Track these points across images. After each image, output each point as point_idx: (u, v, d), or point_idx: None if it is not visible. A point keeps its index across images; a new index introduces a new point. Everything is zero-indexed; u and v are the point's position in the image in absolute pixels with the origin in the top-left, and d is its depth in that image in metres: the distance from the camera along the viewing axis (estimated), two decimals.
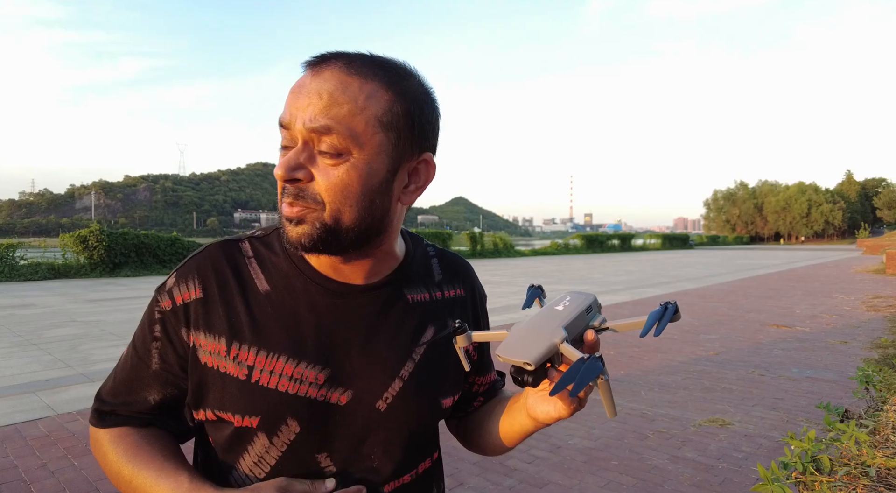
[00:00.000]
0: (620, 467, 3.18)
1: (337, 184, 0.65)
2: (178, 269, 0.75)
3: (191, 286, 0.72)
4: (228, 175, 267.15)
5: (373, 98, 0.65)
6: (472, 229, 35.43)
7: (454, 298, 0.85)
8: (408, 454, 0.77)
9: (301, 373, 0.70)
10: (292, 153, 0.65)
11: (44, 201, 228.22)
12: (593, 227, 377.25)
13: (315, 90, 0.64)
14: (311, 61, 0.67)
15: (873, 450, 1.83)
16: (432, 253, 0.87)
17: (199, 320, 0.71)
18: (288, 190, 0.66)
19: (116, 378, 0.77)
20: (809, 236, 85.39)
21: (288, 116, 0.65)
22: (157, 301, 0.74)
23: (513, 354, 0.60)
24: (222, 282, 0.73)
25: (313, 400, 0.70)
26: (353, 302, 0.74)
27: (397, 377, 0.74)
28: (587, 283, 14.88)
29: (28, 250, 16.37)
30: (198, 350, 0.71)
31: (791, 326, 7.95)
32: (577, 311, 0.64)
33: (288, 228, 0.68)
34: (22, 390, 4.71)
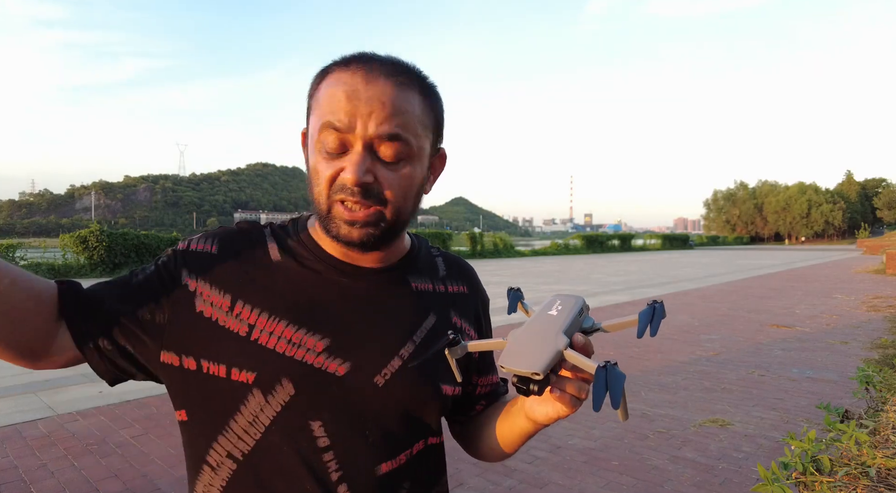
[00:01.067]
0: (620, 467, 3.18)
1: (400, 185, 0.71)
2: (206, 231, 0.79)
3: (209, 242, 0.77)
4: (228, 175, 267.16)
5: (418, 104, 0.72)
6: (472, 230, 35.45)
7: (457, 293, 0.87)
8: (403, 433, 0.77)
9: (300, 339, 0.72)
10: (359, 158, 0.68)
11: (44, 202, 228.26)
12: (593, 227, 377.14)
13: (376, 97, 0.68)
14: (356, 64, 0.70)
15: (873, 450, 1.83)
16: (436, 253, 0.90)
17: (207, 272, 0.74)
18: (353, 192, 0.68)
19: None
20: (809, 237, 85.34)
21: (346, 120, 0.68)
22: (174, 246, 0.78)
23: (518, 364, 0.60)
24: (238, 248, 0.77)
25: (310, 366, 0.71)
26: (359, 282, 0.77)
27: (396, 356, 0.75)
28: (587, 283, 14.88)
29: (28, 250, 16.43)
30: (196, 297, 0.72)
31: (791, 326, 7.95)
32: (572, 315, 0.64)
33: (347, 229, 0.70)
34: (22, 390, 4.71)
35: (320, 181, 0.70)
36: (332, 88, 0.70)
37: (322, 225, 0.73)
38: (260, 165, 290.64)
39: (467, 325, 0.86)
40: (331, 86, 0.70)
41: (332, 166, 0.70)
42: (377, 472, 0.74)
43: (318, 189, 0.71)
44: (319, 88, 0.73)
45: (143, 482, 3.00)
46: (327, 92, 0.70)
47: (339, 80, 0.70)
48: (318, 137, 0.70)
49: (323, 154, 0.70)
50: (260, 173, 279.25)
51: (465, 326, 0.86)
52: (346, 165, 0.68)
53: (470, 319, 0.87)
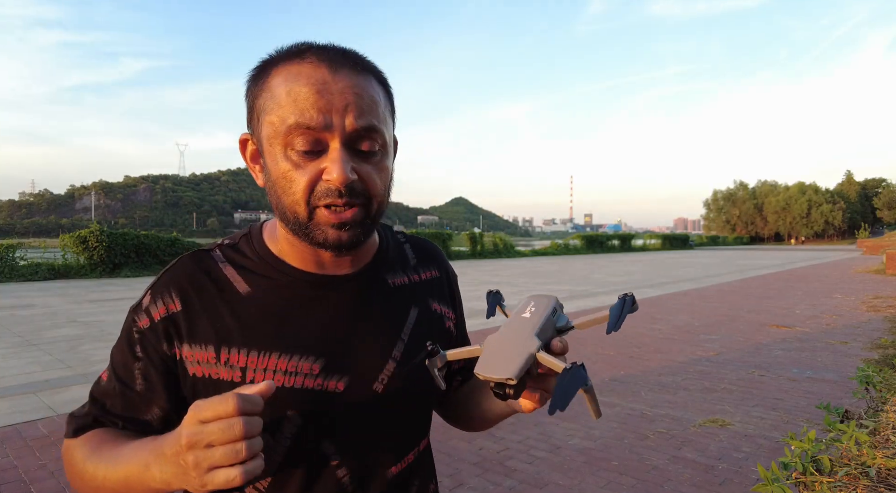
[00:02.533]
0: (620, 467, 3.18)
1: (381, 179, 0.68)
2: (152, 286, 0.73)
3: (167, 300, 0.71)
4: (228, 176, 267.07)
5: (381, 92, 0.69)
6: (472, 230, 35.43)
7: (430, 279, 0.86)
8: (409, 433, 0.78)
9: (295, 366, 0.70)
10: (341, 156, 0.64)
11: (44, 202, 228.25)
12: (593, 227, 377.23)
13: (348, 89, 0.64)
14: (311, 55, 0.65)
15: (873, 450, 1.83)
16: (403, 239, 0.88)
17: (181, 332, 0.70)
18: (341, 194, 0.64)
19: (93, 401, 0.75)
20: (809, 237, 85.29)
21: (320, 117, 0.63)
22: (134, 321, 0.72)
23: (493, 371, 0.60)
24: (200, 290, 0.72)
25: (311, 390, 0.70)
26: (337, 292, 0.75)
27: (390, 359, 0.75)
28: (587, 283, 14.88)
29: (28, 250, 16.40)
30: (184, 362, 0.70)
31: (791, 326, 7.95)
32: (545, 316, 0.65)
33: (336, 234, 0.66)
34: (22, 390, 4.71)
35: (296, 189, 0.65)
36: (293, 84, 0.64)
37: (300, 234, 0.68)
38: None
39: (445, 308, 0.87)
40: (290, 81, 0.64)
41: (308, 170, 0.64)
42: (388, 475, 0.75)
43: (292, 198, 0.65)
44: (270, 85, 0.66)
45: None
46: (287, 89, 0.64)
47: (300, 73, 0.64)
48: (283, 140, 0.64)
49: (293, 159, 0.64)
50: None
51: (444, 309, 0.86)
52: (328, 165, 0.64)
53: (446, 301, 0.88)
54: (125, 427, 0.73)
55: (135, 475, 0.64)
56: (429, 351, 0.67)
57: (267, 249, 0.76)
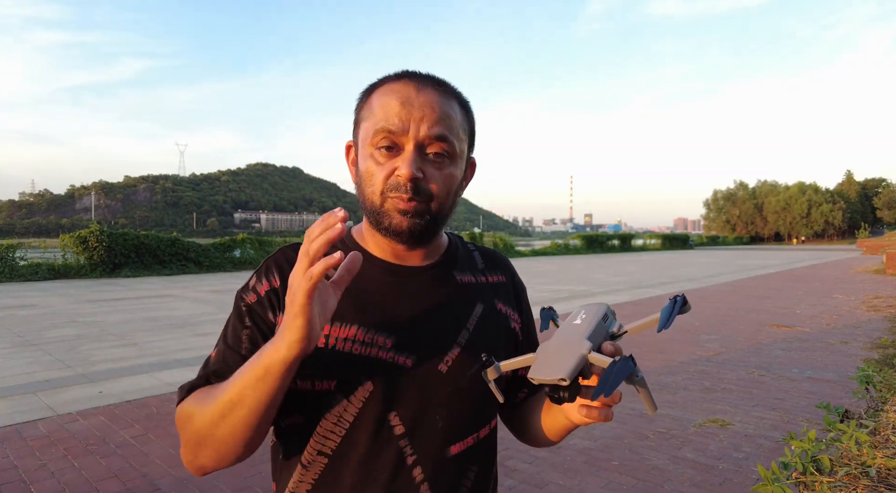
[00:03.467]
0: (620, 467, 3.18)
1: (444, 183, 0.79)
2: (257, 270, 0.85)
3: (270, 278, 0.82)
4: (228, 176, 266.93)
5: (459, 113, 0.82)
6: (472, 229, 35.43)
7: (497, 283, 0.94)
8: (469, 417, 0.84)
9: (371, 338, 0.79)
10: (412, 156, 0.76)
11: (44, 202, 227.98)
12: (593, 227, 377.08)
13: (427, 103, 0.77)
14: (406, 78, 0.80)
15: (873, 450, 1.83)
16: (472, 248, 0.98)
17: (281, 303, 0.80)
18: (406, 188, 0.76)
19: (203, 367, 0.82)
20: (809, 236, 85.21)
21: (400, 123, 0.76)
22: (242, 299, 0.83)
23: (545, 373, 0.62)
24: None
25: (384, 361, 0.78)
26: (410, 280, 0.85)
27: (455, 343, 0.83)
28: (587, 283, 14.88)
29: (28, 250, 16.38)
30: (277, 328, 0.78)
31: (791, 326, 7.95)
32: (596, 321, 0.67)
33: (399, 219, 0.77)
34: (22, 390, 4.71)
35: (375, 181, 0.78)
36: (386, 98, 0.78)
37: (374, 220, 0.80)
38: (260, 165, 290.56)
39: (511, 310, 0.94)
40: (384, 96, 0.79)
41: (386, 167, 0.77)
42: (447, 454, 0.81)
43: (371, 189, 0.78)
44: (371, 99, 0.81)
45: (143, 483, 3.00)
46: (381, 101, 0.78)
47: (392, 90, 0.79)
48: (370, 142, 0.78)
49: (375, 158, 0.78)
50: (260, 173, 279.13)
51: (509, 311, 0.93)
52: (400, 163, 0.76)
53: (512, 304, 0.95)
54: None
55: (250, 374, 0.68)
56: (483, 362, 0.72)
57: (354, 240, 0.88)
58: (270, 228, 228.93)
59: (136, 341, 6.78)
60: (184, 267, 17.70)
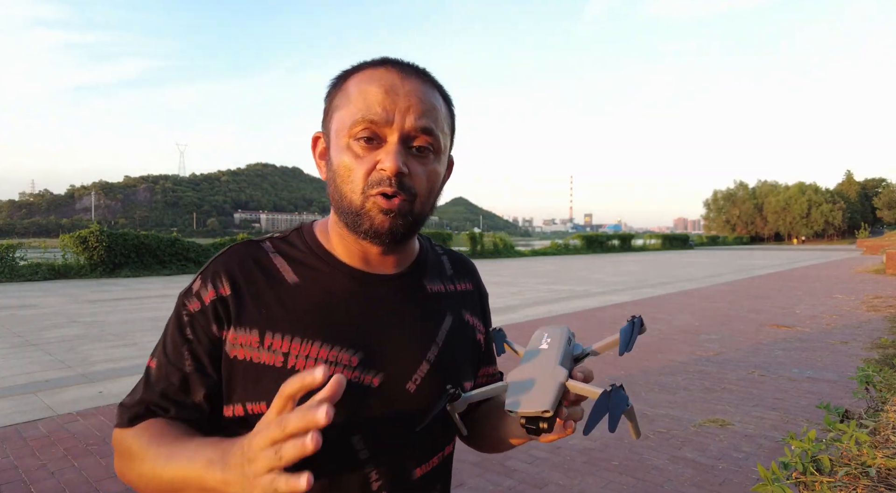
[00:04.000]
0: (620, 467, 3.18)
1: (428, 179, 0.73)
2: (203, 271, 0.76)
3: (218, 284, 0.74)
4: (228, 176, 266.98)
5: (443, 106, 0.76)
6: (472, 230, 35.40)
7: (465, 291, 0.90)
8: (436, 436, 0.80)
9: (336, 356, 0.72)
10: (397, 148, 0.69)
11: (44, 202, 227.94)
12: (593, 227, 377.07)
13: (413, 92, 0.71)
14: (387, 64, 0.73)
15: (873, 450, 1.83)
16: (441, 251, 0.93)
17: (229, 315, 0.73)
18: (391, 183, 0.69)
19: (147, 386, 0.76)
20: (809, 236, 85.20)
21: (384, 113, 0.69)
22: (184, 305, 0.75)
23: (526, 406, 0.59)
24: (249, 277, 0.75)
25: (349, 381, 0.70)
26: (379, 290, 0.78)
27: (424, 360, 0.77)
28: (587, 283, 14.88)
29: (28, 250, 16.38)
30: (225, 344, 0.73)
31: (791, 326, 7.94)
32: (563, 345, 0.65)
33: (381, 219, 0.71)
34: (22, 390, 4.71)
35: (355, 177, 0.70)
36: (366, 85, 0.71)
37: (350, 222, 0.72)
38: (260, 165, 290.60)
39: (477, 320, 0.90)
40: (363, 83, 0.72)
41: (366, 161, 0.70)
42: (413, 476, 0.76)
43: (349, 186, 0.71)
44: (346, 86, 0.73)
45: None
46: (360, 88, 0.71)
47: (373, 77, 0.71)
48: (348, 133, 0.71)
49: (354, 150, 0.71)
50: (260, 173, 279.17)
51: (476, 322, 0.90)
52: (383, 156, 0.69)
53: (478, 314, 0.91)
54: (178, 414, 0.74)
55: (193, 472, 0.63)
56: (450, 395, 0.67)
57: (318, 242, 0.80)
58: (270, 228, 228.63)
59: (136, 341, 6.77)
60: (184, 267, 17.70)
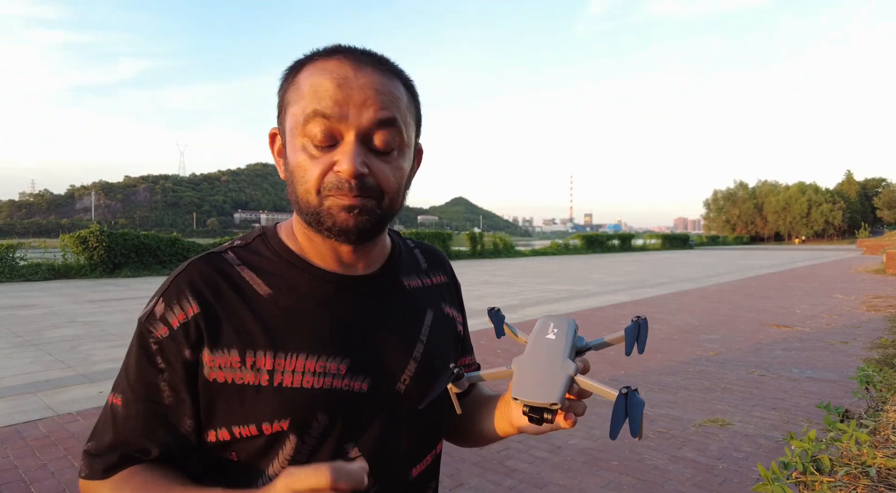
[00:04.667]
0: (620, 467, 3.18)
1: (394, 176, 0.69)
2: (163, 293, 0.69)
3: (184, 305, 0.68)
4: (228, 176, 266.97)
5: (404, 95, 0.70)
6: (472, 230, 35.44)
7: (440, 284, 0.88)
8: (429, 434, 0.79)
9: (323, 366, 0.69)
10: (354, 148, 0.65)
11: (44, 202, 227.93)
12: (593, 227, 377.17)
13: (368, 84, 0.65)
14: (339, 54, 0.67)
15: (874, 450, 1.83)
16: (412, 245, 0.91)
17: (201, 336, 0.67)
18: (351, 187, 0.65)
19: (116, 428, 0.69)
20: (809, 236, 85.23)
21: (337, 109, 0.64)
22: (149, 332, 0.68)
23: (534, 396, 0.60)
24: (217, 293, 0.69)
25: (339, 390, 0.70)
26: (357, 292, 0.75)
27: (411, 359, 0.76)
28: (587, 283, 14.88)
29: (28, 250, 16.37)
30: (201, 367, 0.67)
31: (791, 326, 7.95)
32: (570, 337, 0.65)
33: (344, 216, 0.66)
34: (22, 390, 4.71)
35: (308, 178, 0.66)
36: (317, 78, 0.66)
37: (313, 221, 0.68)
38: (260, 165, 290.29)
39: (455, 311, 0.89)
40: (314, 75, 0.66)
41: (322, 162, 0.65)
42: (409, 477, 0.76)
43: (304, 187, 0.67)
44: (297, 79, 0.68)
45: None
46: (310, 81, 0.66)
47: (324, 68, 0.66)
48: (301, 131, 0.66)
49: (308, 150, 0.66)
50: (260, 173, 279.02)
51: (454, 313, 0.89)
52: (339, 157, 0.64)
53: (455, 305, 0.90)
54: (162, 453, 0.69)
55: None
56: (454, 374, 0.67)
57: (286, 246, 0.75)
58: None
59: None
60: None
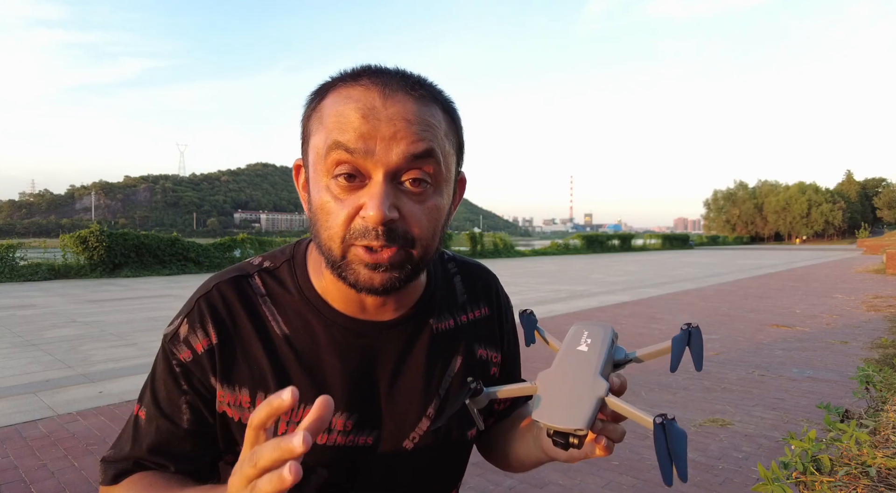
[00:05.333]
0: (620, 467, 3.18)
1: (429, 220, 0.61)
2: (188, 313, 0.68)
3: (207, 331, 0.67)
4: (228, 176, 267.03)
5: (443, 121, 0.62)
6: (472, 229, 35.38)
7: (478, 318, 0.81)
8: (435, 489, 0.75)
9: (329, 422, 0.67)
10: (382, 190, 0.57)
11: (44, 202, 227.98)
12: (593, 227, 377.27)
13: (398, 115, 0.57)
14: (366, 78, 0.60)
15: (874, 450, 1.83)
16: (454, 270, 0.82)
17: (216, 369, 0.67)
18: (378, 235, 0.57)
19: (136, 441, 0.69)
20: (810, 236, 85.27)
21: (362, 143, 0.57)
22: (173, 354, 0.68)
23: (558, 420, 0.54)
24: (237, 326, 0.68)
25: (341, 447, 0.67)
26: (377, 341, 0.70)
27: (424, 417, 0.71)
28: (587, 283, 14.88)
29: (28, 250, 16.38)
30: (215, 398, 0.68)
31: (791, 326, 7.94)
32: (605, 350, 0.58)
33: (368, 275, 0.60)
34: (22, 390, 4.71)
35: (332, 224, 0.59)
36: (341, 107, 0.59)
37: (335, 272, 0.62)
38: (260, 165, 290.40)
39: (492, 351, 0.81)
40: (339, 104, 0.59)
41: (347, 204, 0.58)
42: None
43: (328, 233, 0.60)
44: (321, 107, 0.61)
45: None
46: (335, 111, 0.59)
47: (350, 97, 0.59)
48: (324, 166, 0.59)
49: (332, 191, 0.59)
50: (260, 173, 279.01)
51: (490, 353, 0.80)
52: (366, 200, 0.57)
53: (494, 343, 0.82)
54: (177, 469, 0.69)
55: None
56: (472, 390, 0.60)
57: (310, 283, 0.70)
58: (270, 228, 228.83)
59: (136, 341, 6.77)
60: (184, 267, 17.70)
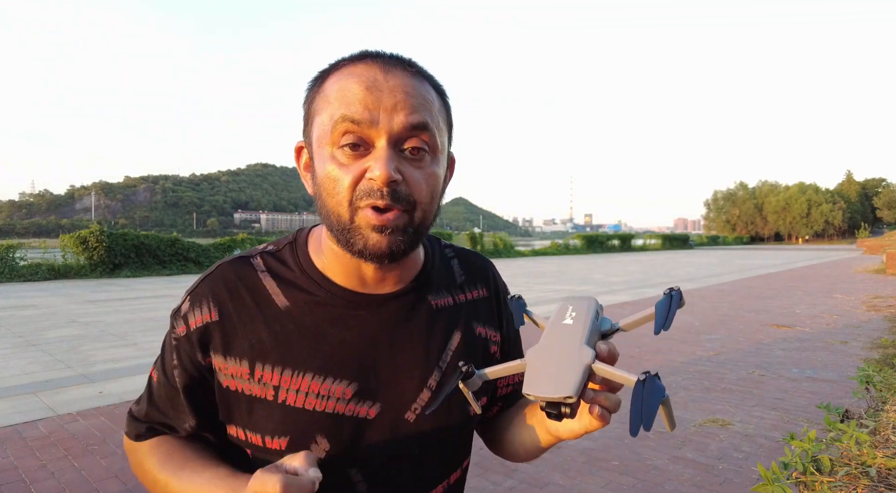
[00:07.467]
0: (620, 467, 3.18)
1: (427, 184, 0.65)
2: (192, 291, 0.72)
3: (205, 309, 0.70)
4: (228, 176, 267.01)
5: (436, 98, 0.68)
6: (472, 230, 35.42)
7: (477, 299, 0.83)
8: (439, 465, 0.76)
9: (328, 389, 0.68)
10: (387, 153, 0.62)
11: (44, 202, 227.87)
12: (593, 227, 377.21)
13: (399, 87, 0.63)
14: (368, 58, 0.65)
15: (874, 450, 1.83)
16: (451, 254, 0.85)
17: (217, 343, 0.70)
18: (383, 194, 0.62)
19: (150, 400, 0.77)
20: (810, 236, 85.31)
21: (367, 113, 0.62)
22: (172, 328, 0.73)
23: (547, 390, 0.54)
24: (238, 302, 0.71)
25: (341, 416, 0.69)
26: (377, 313, 0.72)
27: (425, 388, 0.72)
28: (587, 283, 14.88)
29: (28, 250, 16.38)
30: (217, 374, 0.70)
31: (791, 326, 7.95)
32: (589, 321, 0.59)
33: (377, 238, 0.64)
34: (22, 390, 4.71)
35: (339, 189, 0.63)
36: (344, 81, 0.64)
37: (342, 240, 0.65)
38: (260, 165, 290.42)
39: (491, 330, 0.83)
40: (341, 80, 0.64)
41: (353, 169, 0.63)
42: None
43: (336, 199, 0.63)
44: (324, 87, 0.66)
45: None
46: (339, 86, 0.64)
47: (352, 73, 0.64)
48: (329, 139, 0.63)
49: (337, 159, 0.63)
50: (260, 173, 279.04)
51: (489, 331, 0.82)
52: (372, 163, 0.62)
53: (493, 323, 0.84)
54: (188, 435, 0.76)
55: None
56: (463, 373, 0.61)
57: (310, 261, 0.74)
58: (270, 228, 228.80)
59: (136, 341, 6.78)
60: (184, 267, 17.71)
